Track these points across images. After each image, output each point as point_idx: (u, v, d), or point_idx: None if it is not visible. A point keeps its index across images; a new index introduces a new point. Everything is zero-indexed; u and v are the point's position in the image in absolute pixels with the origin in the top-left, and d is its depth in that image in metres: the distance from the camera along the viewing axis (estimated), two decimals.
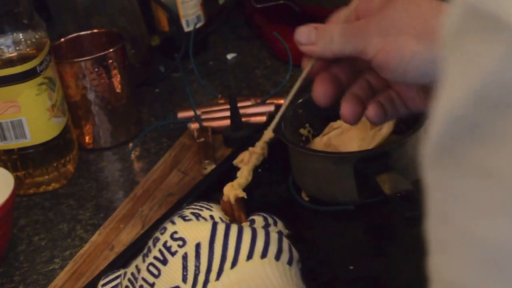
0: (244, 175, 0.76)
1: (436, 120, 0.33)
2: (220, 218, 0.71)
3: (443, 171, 0.33)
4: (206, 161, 1.02)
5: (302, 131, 0.96)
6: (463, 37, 0.33)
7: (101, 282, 0.76)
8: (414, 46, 0.67)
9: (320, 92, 0.74)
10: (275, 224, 0.73)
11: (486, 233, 0.32)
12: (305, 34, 0.72)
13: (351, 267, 0.81)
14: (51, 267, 0.92)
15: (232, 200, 0.73)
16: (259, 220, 0.72)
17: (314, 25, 0.73)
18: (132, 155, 1.11)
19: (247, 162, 0.76)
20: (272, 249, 0.66)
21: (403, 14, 0.67)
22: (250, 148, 0.77)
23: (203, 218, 0.70)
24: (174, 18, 1.28)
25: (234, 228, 0.67)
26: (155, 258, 0.67)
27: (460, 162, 0.33)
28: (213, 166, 1.00)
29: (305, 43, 0.72)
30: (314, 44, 0.72)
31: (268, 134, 0.77)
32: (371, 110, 0.73)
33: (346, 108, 0.73)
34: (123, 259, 0.83)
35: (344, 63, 0.74)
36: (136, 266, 0.69)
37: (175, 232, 0.68)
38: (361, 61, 0.71)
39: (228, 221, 0.71)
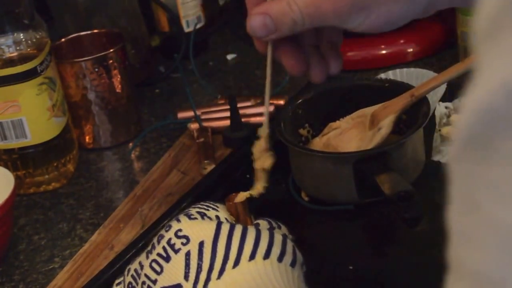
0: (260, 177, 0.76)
1: (467, 111, 0.33)
2: (225, 218, 0.72)
3: (473, 161, 0.34)
4: (205, 161, 1.02)
5: (301, 131, 0.96)
6: (499, 28, 0.33)
7: (116, 281, 0.76)
8: (398, 7, 0.66)
9: (292, 65, 0.73)
10: (279, 228, 0.73)
11: None
12: (261, 26, 0.69)
13: (351, 267, 0.81)
14: (51, 266, 0.92)
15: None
16: (263, 223, 0.72)
17: (264, 11, 0.69)
18: (132, 155, 1.11)
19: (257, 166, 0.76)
20: (275, 250, 0.66)
21: None
22: (255, 153, 0.76)
23: (209, 217, 0.70)
24: (174, 18, 1.28)
25: (238, 228, 0.67)
26: (159, 255, 0.67)
27: (492, 152, 0.33)
28: (213, 166, 1.00)
29: (265, 35, 0.70)
30: (274, 32, 0.69)
31: (265, 130, 0.76)
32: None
33: (316, 69, 0.74)
34: (123, 259, 0.84)
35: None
36: (140, 263, 0.70)
37: (180, 230, 0.68)
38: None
39: (233, 222, 0.71)
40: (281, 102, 1.12)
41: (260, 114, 1.10)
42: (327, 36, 0.74)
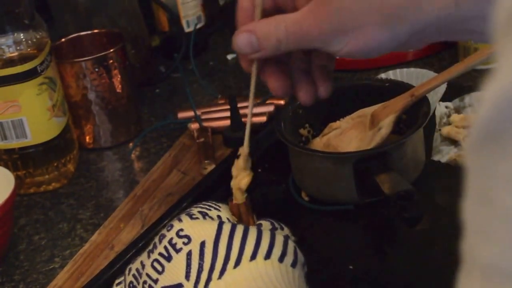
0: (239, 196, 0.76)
1: (486, 103, 0.33)
2: (227, 218, 0.72)
3: (490, 153, 0.34)
4: (206, 161, 1.02)
5: (301, 131, 0.96)
6: None
7: (116, 281, 0.76)
8: (380, 34, 0.65)
9: (276, 87, 0.74)
10: (282, 229, 0.73)
11: None
12: (246, 44, 0.70)
13: (351, 267, 0.81)
14: (51, 266, 0.92)
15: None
16: (266, 224, 0.72)
17: (250, 29, 0.70)
18: (132, 155, 1.11)
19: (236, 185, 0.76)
20: (276, 251, 0.66)
21: (355, 4, 0.65)
22: (234, 171, 0.76)
23: (210, 217, 0.70)
24: (174, 18, 1.28)
25: (239, 228, 0.67)
26: (160, 254, 0.68)
27: (508, 146, 0.33)
28: (213, 166, 1.01)
29: (250, 52, 0.70)
30: (259, 51, 0.69)
31: (245, 150, 0.76)
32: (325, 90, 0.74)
33: (303, 91, 0.74)
34: (123, 259, 0.84)
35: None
36: (141, 262, 0.70)
37: (181, 230, 0.68)
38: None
39: (235, 222, 0.71)
40: (281, 102, 1.12)
41: (260, 114, 1.10)
42: (317, 60, 0.75)
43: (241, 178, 0.75)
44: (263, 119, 1.09)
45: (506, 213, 0.33)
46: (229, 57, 1.32)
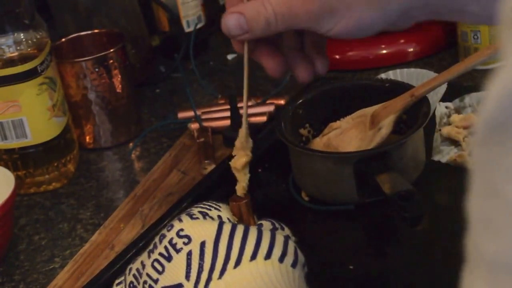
0: (241, 179, 0.76)
1: (491, 97, 0.33)
2: (228, 218, 0.72)
3: (496, 146, 0.34)
4: (206, 161, 1.02)
5: (302, 131, 0.96)
6: None
7: (116, 281, 0.76)
8: (369, 14, 0.66)
9: (271, 67, 0.74)
10: (283, 230, 0.73)
11: None
12: (235, 25, 0.70)
13: (351, 267, 0.81)
14: (52, 266, 0.92)
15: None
16: (266, 224, 0.72)
17: (239, 10, 0.70)
18: (133, 155, 1.11)
19: (236, 165, 0.76)
20: (277, 251, 0.66)
21: None
22: (234, 151, 0.76)
23: (211, 217, 0.70)
24: (174, 18, 1.28)
25: (240, 229, 0.67)
26: (160, 254, 0.68)
27: None
28: (213, 166, 1.01)
29: (239, 33, 0.70)
30: (248, 32, 0.70)
31: (245, 131, 0.77)
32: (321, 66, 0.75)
33: (300, 69, 0.75)
34: (123, 259, 0.84)
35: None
36: (142, 262, 0.70)
37: (181, 230, 0.68)
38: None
39: (236, 222, 0.71)
40: (282, 102, 1.12)
41: (261, 114, 1.10)
42: (309, 38, 0.75)
43: (237, 157, 0.75)
44: (263, 119, 1.09)
45: (510, 207, 0.33)
46: (229, 57, 1.32)
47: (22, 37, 1.00)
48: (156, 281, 0.67)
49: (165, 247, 0.68)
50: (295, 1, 0.67)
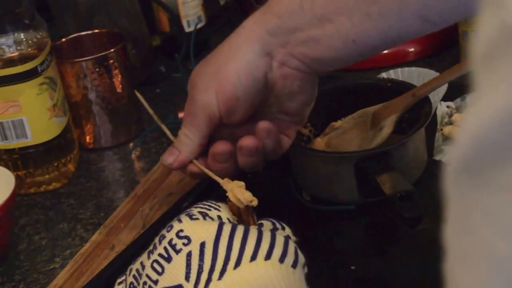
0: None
1: (463, 137, 0.33)
2: (227, 219, 0.71)
3: (468, 187, 0.33)
4: None
5: (303, 130, 0.96)
6: (496, 55, 0.32)
7: (118, 280, 0.76)
8: (233, 64, 0.79)
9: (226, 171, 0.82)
10: (283, 229, 0.73)
11: (510, 250, 0.32)
12: (168, 156, 0.84)
13: (352, 267, 0.81)
14: (52, 266, 0.92)
15: (243, 203, 0.73)
16: (267, 224, 0.72)
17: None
18: (133, 155, 1.11)
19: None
20: (277, 251, 0.66)
21: (207, 66, 0.83)
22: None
23: (210, 218, 0.70)
24: (175, 18, 1.28)
25: (240, 229, 0.67)
26: (160, 255, 0.67)
27: (486, 181, 0.32)
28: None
29: (173, 160, 0.83)
30: (180, 154, 0.83)
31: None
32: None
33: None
34: (124, 259, 0.83)
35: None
36: (141, 263, 0.69)
37: (181, 230, 0.68)
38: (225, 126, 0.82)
39: (235, 222, 0.71)
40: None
41: None
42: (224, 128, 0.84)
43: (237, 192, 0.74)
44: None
45: (484, 246, 0.33)
46: None
47: (22, 37, 1.00)
48: (155, 282, 0.67)
49: (165, 248, 0.67)
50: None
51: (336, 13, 0.75)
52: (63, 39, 1.15)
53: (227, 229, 0.67)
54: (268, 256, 0.65)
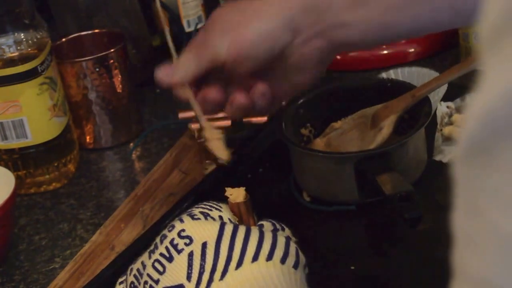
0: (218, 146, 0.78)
1: (472, 117, 0.33)
2: (229, 219, 0.71)
3: (476, 167, 0.34)
4: (207, 161, 1.02)
5: (303, 131, 0.96)
6: (502, 36, 0.33)
7: (119, 280, 0.76)
8: (257, 24, 0.75)
9: (213, 99, 0.82)
10: (283, 230, 0.73)
11: None
12: (164, 72, 0.83)
13: (353, 267, 0.81)
14: (52, 267, 0.92)
15: (241, 198, 0.73)
16: (267, 225, 0.72)
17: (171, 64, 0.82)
18: (133, 155, 1.11)
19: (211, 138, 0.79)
20: (278, 252, 0.66)
21: (231, 12, 0.78)
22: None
23: (212, 218, 0.70)
24: (175, 18, 1.28)
25: (241, 229, 0.67)
26: (161, 255, 0.67)
27: (495, 158, 0.33)
28: (214, 166, 1.00)
29: (166, 79, 0.83)
30: (174, 77, 0.82)
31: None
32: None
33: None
34: (124, 259, 0.83)
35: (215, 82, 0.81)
36: (142, 262, 0.69)
37: (183, 230, 0.68)
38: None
39: (236, 223, 0.71)
40: (282, 102, 1.12)
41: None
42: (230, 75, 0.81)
43: (212, 133, 0.79)
44: (264, 119, 1.09)
45: (492, 227, 0.33)
46: None
47: (22, 37, 1.00)
48: (157, 282, 0.67)
49: (166, 248, 0.67)
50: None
51: None
52: (63, 39, 1.15)
53: (228, 229, 0.67)
54: (269, 257, 0.66)
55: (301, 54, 0.77)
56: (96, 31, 1.16)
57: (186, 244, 0.67)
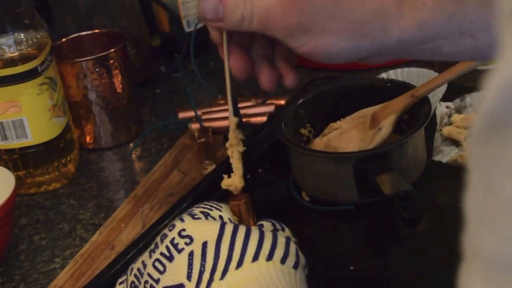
0: (237, 168, 0.76)
1: (490, 94, 0.33)
2: (229, 219, 0.72)
3: (495, 141, 0.33)
4: (206, 162, 1.02)
5: (302, 131, 0.96)
6: None
7: (119, 280, 0.76)
8: (340, 45, 0.67)
9: (238, 68, 0.75)
10: (283, 230, 0.73)
11: None
12: (212, 9, 0.70)
13: (352, 267, 0.81)
14: (52, 267, 0.92)
15: (238, 188, 0.73)
16: (267, 225, 0.72)
17: None
18: (133, 155, 1.11)
19: (231, 155, 0.76)
20: (279, 252, 0.66)
21: (323, 9, 0.66)
22: (227, 144, 0.77)
23: (212, 217, 0.70)
24: (175, 18, 1.28)
25: (242, 229, 0.67)
26: (162, 254, 0.67)
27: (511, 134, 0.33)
28: (214, 167, 1.00)
29: (212, 19, 0.71)
30: (222, 21, 0.70)
31: (232, 120, 0.77)
32: (290, 79, 0.75)
33: (265, 77, 0.75)
34: (124, 259, 0.83)
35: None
36: (143, 262, 0.70)
37: (183, 230, 0.68)
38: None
39: (236, 223, 0.71)
40: (282, 102, 1.12)
41: (262, 114, 1.09)
42: (280, 51, 0.75)
43: (236, 148, 0.75)
44: (263, 119, 1.09)
45: (507, 202, 0.33)
46: None
47: (22, 37, 1.00)
48: (157, 281, 0.67)
49: (167, 247, 0.68)
50: (274, 10, 0.68)
51: None
52: (63, 39, 1.15)
53: (229, 229, 0.67)
54: (270, 257, 0.66)
55: None
56: (96, 31, 1.17)
57: (186, 244, 0.67)
